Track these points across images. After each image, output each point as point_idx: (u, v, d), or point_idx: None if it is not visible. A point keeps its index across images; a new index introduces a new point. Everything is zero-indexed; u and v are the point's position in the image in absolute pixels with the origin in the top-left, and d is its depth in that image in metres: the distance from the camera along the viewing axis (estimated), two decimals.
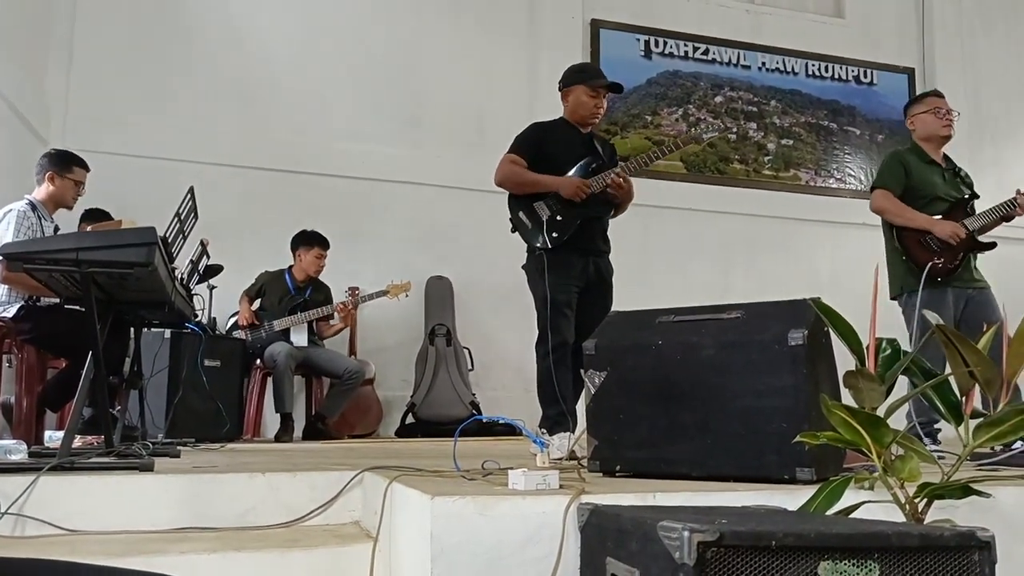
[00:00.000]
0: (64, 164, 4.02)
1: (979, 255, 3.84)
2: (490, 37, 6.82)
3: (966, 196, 3.88)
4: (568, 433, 3.11)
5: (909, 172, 3.87)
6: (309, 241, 5.58)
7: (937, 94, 4.05)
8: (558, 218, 3.38)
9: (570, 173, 3.43)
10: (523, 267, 3.50)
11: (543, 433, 3.13)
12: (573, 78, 3.58)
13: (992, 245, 3.80)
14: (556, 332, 3.30)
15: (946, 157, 4.00)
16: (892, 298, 3.89)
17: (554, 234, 3.37)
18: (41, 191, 3.98)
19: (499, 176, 3.51)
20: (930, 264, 3.65)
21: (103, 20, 5.98)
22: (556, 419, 3.21)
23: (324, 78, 6.41)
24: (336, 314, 5.62)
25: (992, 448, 2.20)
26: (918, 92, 7.79)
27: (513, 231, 3.51)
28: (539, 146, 3.51)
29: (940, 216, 3.80)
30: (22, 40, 5.29)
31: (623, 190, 3.43)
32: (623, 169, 3.45)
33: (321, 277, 5.73)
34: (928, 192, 3.85)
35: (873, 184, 4.08)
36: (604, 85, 3.53)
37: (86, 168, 4.10)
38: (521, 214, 3.46)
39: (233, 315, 5.56)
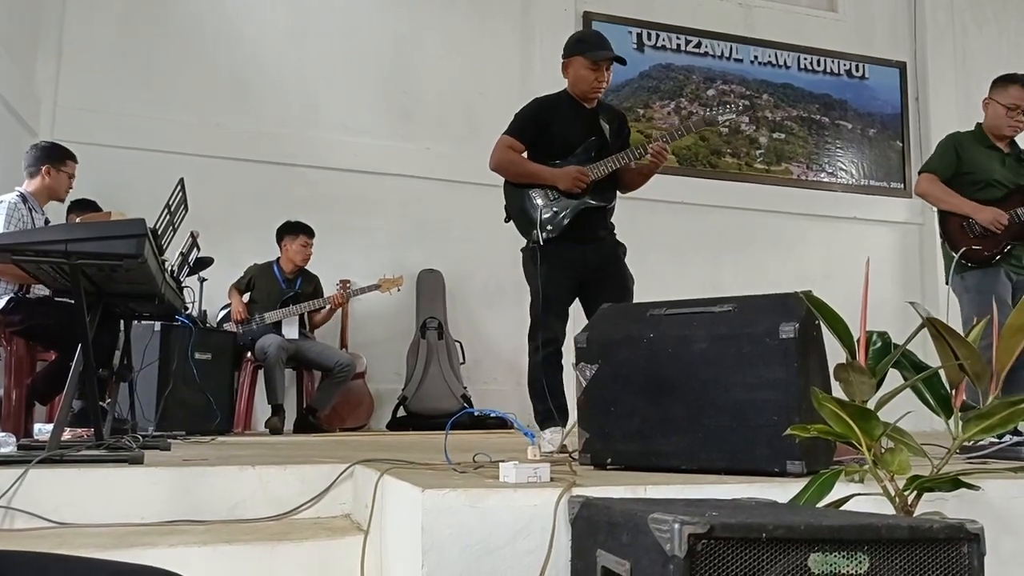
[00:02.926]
0: (59, 158, 4.01)
1: None
2: (482, 29, 6.81)
3: None
4: (559, 428, 3.10)
5: (961, 156, 3.80)
6: (294, 230, 5.58)
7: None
8: (554, 209, 3.20)
9: (571, 158, 3.26)
10: (521, 250, 3.35)
11: (536, 428, 3.12)
12: (572, 48, 3.31)
13: None
14: (546, 328, 3.16)
15: (1012, 142, 3.89)
16: (947, 284, 3.79)
17: (548, 227, 3.19)
18: (35, 183, 3.95)
19: (493, 162, 3.31)
20: (965, 249, 3.59)
21: (93, 9, 5.94)
22: (545, 414, 3.16)
23: (316, 70, 6.38)
24: (332, 303, 5.61)
25: (976, 441, 2.21)
26: (909, 87, 7.84)
27: (507, 220, 3.34)
28: (540, 126, 3.29)
29: (996, 202, 3.71)
30: (11, 29, 5.24)
31: (664, 157, 3.24)
32: (662, 139, 3.25)
33: (312, 269, 5.73)
34: (982, 177, 3.77)
35: (921, 167, 4.01)
36: (605, 58, 3.26)
37: (76, 160, 4.10)
38: (516, 203, 3.28)
39: (224, 307, 5.55)
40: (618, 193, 3.44)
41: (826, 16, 7.79)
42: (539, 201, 3.24)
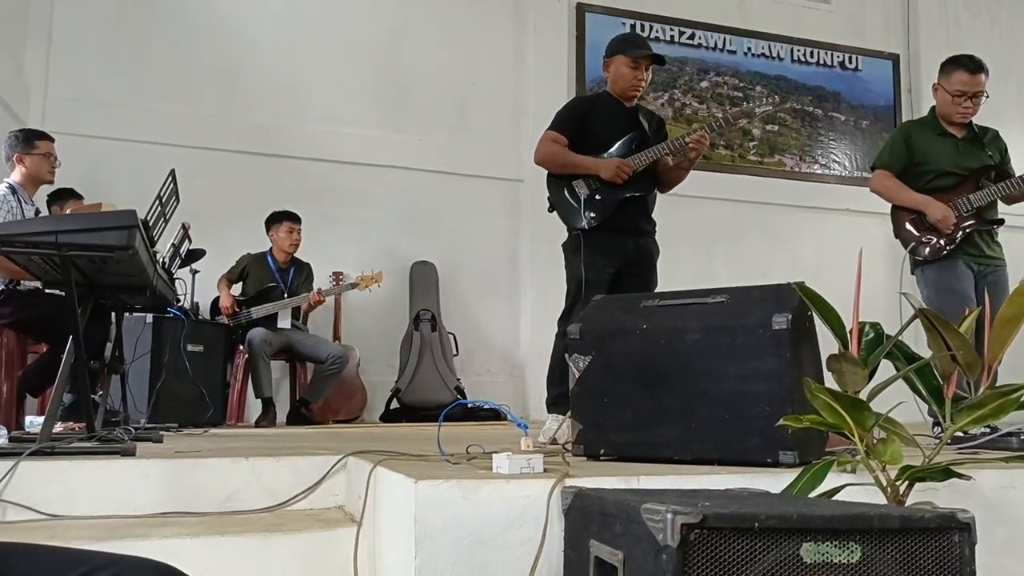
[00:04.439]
0: (27, 141, 3.98)
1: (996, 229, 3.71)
2: (475, 20, 6.78)
3: (986, 165, 3.70)
4: (561, 416, 3.10)
5: (912, 147, 3.75)
6: (278, 218, 5.58)
7: (970, 70, 3.73)
8: (596, 197, 3.26)
9: (612, 151, 3.32)
10: (562, 245, 3.39)
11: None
12: (614, 47, 3.42)
13: (999, 222, 3.69)
14: (579, 314, 3.22)
15: (969, 125, 3.80)
16: (912, 273, 3.79)
17: (592, 214, 3.25)
18: (16, 174, 3.94)
19: (538, 155, 3.38)
20: (914, 244, 3.61)
21: None
22: (555, 400, 3.20)
23: (307, 61, 6.35)
24: (310, 301, 5.60)
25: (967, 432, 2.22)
26: (902, 79, 7.83)
27: (551, 210, 3.40)
28: (581, 121, 3.37)
29: (949, 190, 3.66)
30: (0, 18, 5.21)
31: (703, 146, 3.29)
32: (701, 129, 3.30)
33: (305, 260, 5.71)
34: (935, 167, 3.71)
35: (872, 163, 3.97)
36: (645, 56, 3.35)
37: (50, 139, 4.05)
38: (559, 193, 3.34)
39: (218, 298, 5.52)
40: (658, 191, 3.48)
41: (819, 8, 7.79)
42: (581, 191, 3.30)
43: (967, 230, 3.63)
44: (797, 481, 1.55)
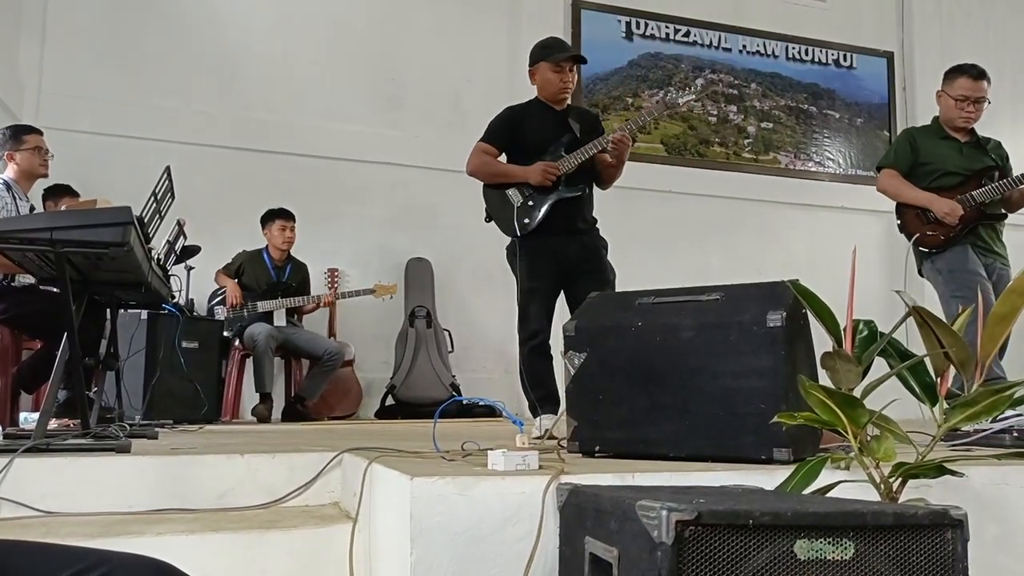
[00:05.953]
0: (15, 137, 3.96)
1: (1002, 226, 3.84)
2: (470, 17, 6.77)
3: (988, 166, 3.83)
4: (550, 415, 3.12)
5: (916, 149, 3.88)
6: (271, 216, 5.59)
7: (973, 76, 3.87)
8: (529, 203, 3.35)
9: (544, 156, 3.40)
10: (506, 248, 3.48)
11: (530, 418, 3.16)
12: (536, 55, 3.52)
13: (1002, 216, 3.81)
14: (530, 321, 3.30)
15: (972, 132, 3.94)
16: (920, 273, 3.90)
17: (526, 220, 3.34)
18: (9, 171, 3.93)
19: (470, 167, 3.49)
20: (918, 236, 3.71)
21: None
22: (534, 403, 3.24)
23: (303, 57, 6.34)
24: (322, 302, 5.63)
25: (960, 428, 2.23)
26: (896, 77, 7.86)
27: (488, 220, 3.50)
28: (512, 131, 3.47)
29: (953, 189, 3.78)
30: None
31: (625, 145, 3.37)
32: (623, 130, 3.38)
33: (301, 257, 5.72)
34: (939, 166, 3.84)
35: (878, 164, 4.09)
36: (567, 58, 3.44)
37: (39, 132, 4.03)
38: (495, 202, 3.44)
39: (218, 292, 5.51)
40: (598, 188, 3.58)
41: (814, 5, 7.79)
42: (515, 198, 3.39)
43: (971, 224, 3.73)
44: (791, 478, 1.55)
